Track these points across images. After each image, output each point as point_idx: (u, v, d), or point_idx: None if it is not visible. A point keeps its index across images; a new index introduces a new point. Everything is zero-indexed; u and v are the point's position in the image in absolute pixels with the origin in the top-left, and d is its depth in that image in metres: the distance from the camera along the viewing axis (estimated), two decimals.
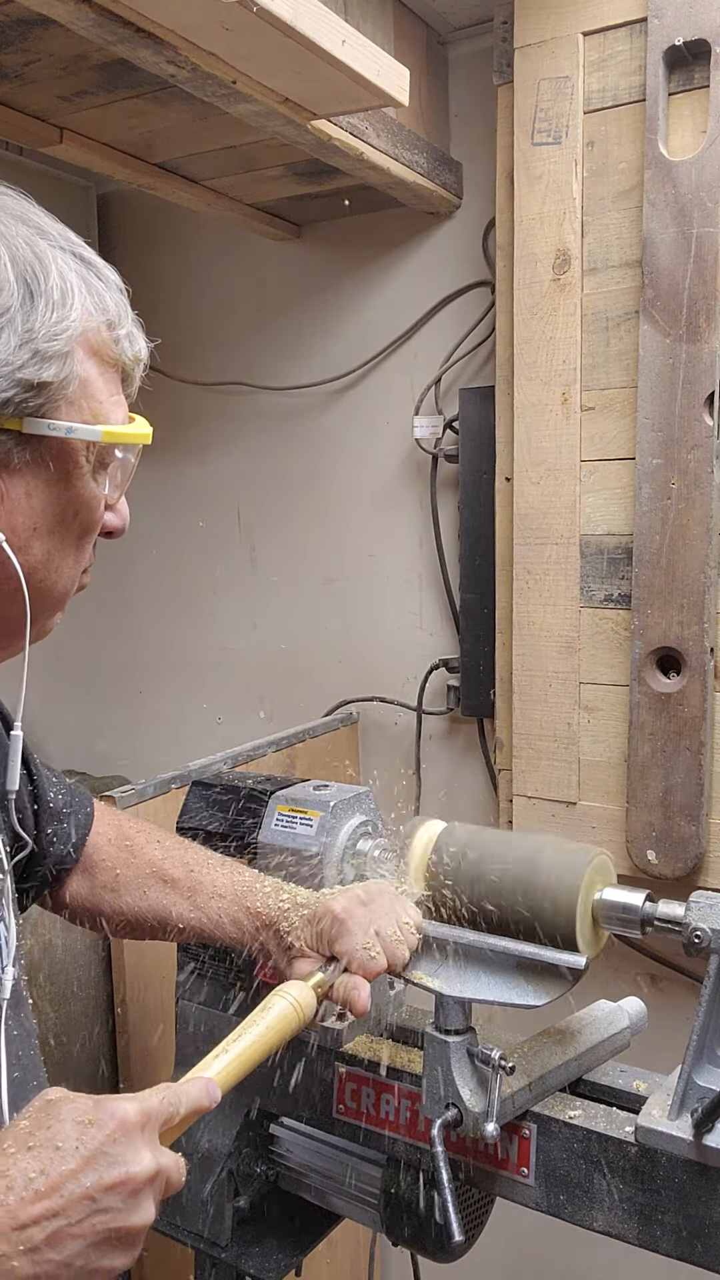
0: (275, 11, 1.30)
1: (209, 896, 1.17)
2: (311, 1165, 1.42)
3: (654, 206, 1.71)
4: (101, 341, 0.85)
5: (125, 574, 2.77)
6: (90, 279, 0.85)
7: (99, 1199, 0.69)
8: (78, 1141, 0.70)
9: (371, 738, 2.44)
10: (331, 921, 1.07)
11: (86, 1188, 0.69)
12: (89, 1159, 0.70)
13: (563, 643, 1.91)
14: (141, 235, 2.67)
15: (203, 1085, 0.82)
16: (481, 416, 2.07)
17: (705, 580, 1.73)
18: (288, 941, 1.10)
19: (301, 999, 0.98)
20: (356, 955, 1.05)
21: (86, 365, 0.84)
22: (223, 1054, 0.89)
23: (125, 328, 0.88)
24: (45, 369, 0.79)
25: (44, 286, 0.80)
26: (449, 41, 2.14)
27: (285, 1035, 0.96)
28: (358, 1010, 1.03)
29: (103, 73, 1.63)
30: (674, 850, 1.79)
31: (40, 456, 0.82)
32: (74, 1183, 0.69)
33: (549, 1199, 1.14)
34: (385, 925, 1.08)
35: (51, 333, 0.80)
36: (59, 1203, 0.68)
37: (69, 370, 0.81)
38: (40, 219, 0.84)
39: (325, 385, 2.42)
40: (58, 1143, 0.70)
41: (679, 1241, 1.06)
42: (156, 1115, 0.76)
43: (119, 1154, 0.71)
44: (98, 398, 0.85)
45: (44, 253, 0.81)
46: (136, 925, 1.21)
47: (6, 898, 0.97)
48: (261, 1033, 0.93)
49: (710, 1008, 1.03)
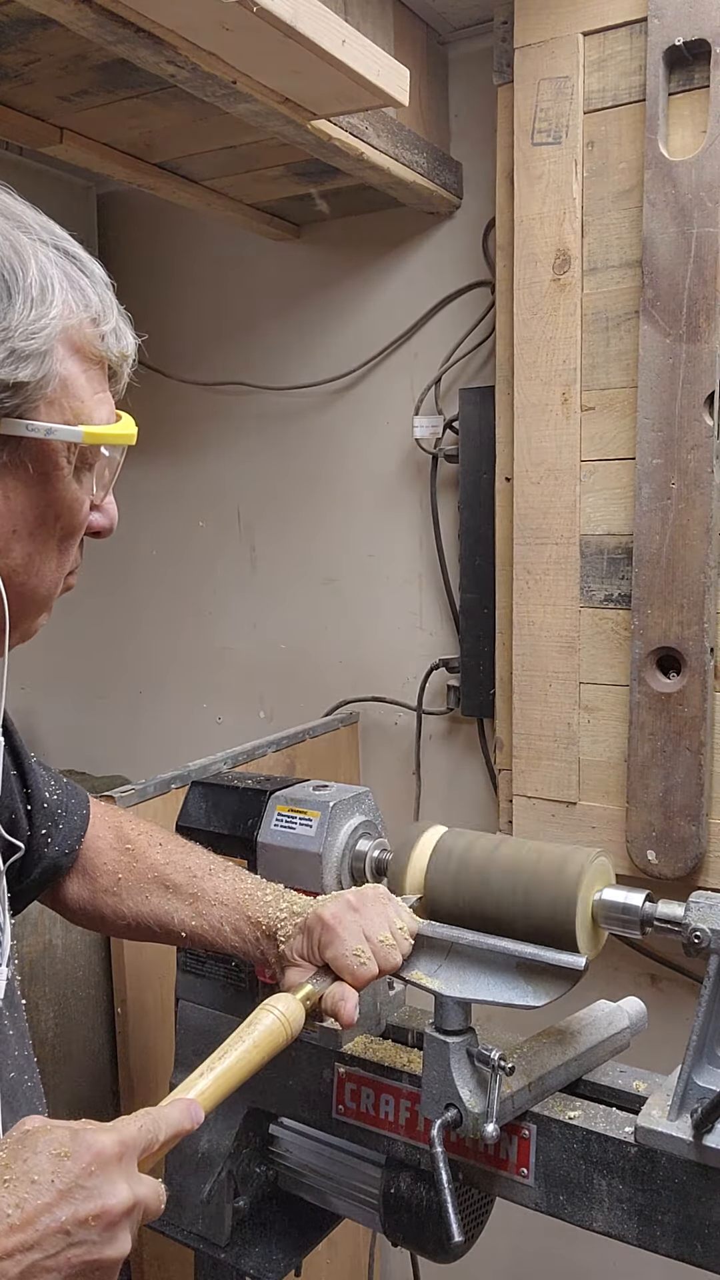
0: (275, 11, 1.30)
1: (211, 904, 1.17)
2: (311, 1165, 1.42)
3: (654, 206, 1.71)
4: (85, 338, 0.83)
5: (125, 574, 2.77)
6: (73, 273, 0.83)
7: (74, 1232, 0.69)
8: (53, 1174, 0.70)
9: (371, 738, 2.44)
10: (322, 929, 1.06)
11: (61, 1221, 0.69)
12: (64, 1192, 0.70)
13: (563, 643, 1.91)
14: (141, 235, 2.67)
15: (184, 1107, 0.82)
16: (481, 416, 2.07)
17: (705, 580, 1.73)
18: (282, 950, 1.10)
19: (288, 1013, 0.97)
20: (347, 962, 1.04)
21: (68, 363, 0.81)
22: (207, 1073, 0.89)
23: (110, 323, 0.85)
24: (22, 368, 0.77)
25: (22, 283, 0.77)
26: (449, 41, 2.14)
27: (271, 1051, 0.95)
28: (344, 1021, 1.02)
29: (103, 73, 1.63)
30: (674, 850, 1.79)
31: (18, 458, 0.80)
32: (49, 1216, 0.69)
33: (549, 1199, 1.14)
34: (377, 930, 1.07)
35: (29, 331, 0.77)
36: (33, 1235, 0.68)
37: (48, 369, 0.79)
38: (21, 211, 0.82)
39: (325, 385, 2.42)
40: (34, 1176, 0.70)
41: (679, 1242, 1.06)
42: (134, 1145, 0.75)
43: (95, 1187, 0.71)
44: (80, 396, 0.83)
45: (23, 247, 0.79)
46: (138, 929, 1.20)
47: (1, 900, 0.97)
48: (247, 1049, 0.92)
49: (710, 1008, 1.03)
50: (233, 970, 1.44)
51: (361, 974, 1.04)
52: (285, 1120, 1.44)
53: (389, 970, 1.08)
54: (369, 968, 1.05)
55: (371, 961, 1.05)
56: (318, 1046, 1.33)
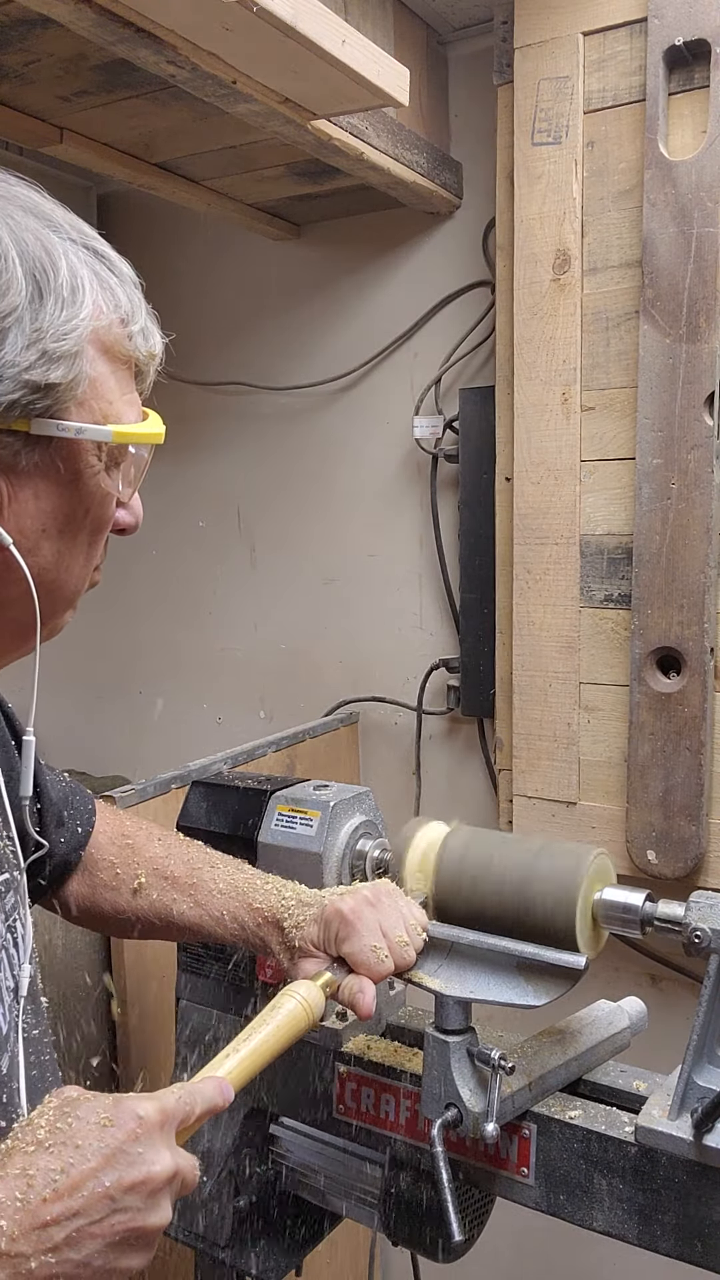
0: (275, 11, 1.30)
1: (210, 893, 1.17)
2: (311, 1165, 1.42)
3: (654, 206, 1.71)
4: (114, 338, 0.83)
5: (126, 574, 2.77)
6: (103, 273, 0.83)
7: (119, 1199, 0.69)
8: (98, 1140, 0.70)
9: (371, 738, 2.44)
10: (340, 922, 1.07)
11: (107, 1187, 0.68)
12: (110, 1158, 0.69)
13: (563, 643, 1.91)
14: (141, 235, 2.67)
15: (216, 1084, 0.82)
16: (481, 416, 2.07)
17: (705, 580, 1.73)
18: (292, 938, 1.10)
19: (310, 998, 0.98)
20: (365, 957, 1.05)
21: (97, 363, 0.82)
22: (233, 1054, 0.89)
23: (139, 323, 0.86)
24: (54, 369, 0.77)
25: (54, 283, 0.77)
26: (449, 41, 2.14)
27: (295, 1034, 0.95)
28: (362, 1013, 1.02)
29: (103, 73, 1.63)
30: (674, 850, 1.79)
31: (49, 457, 0.80)
32: (94, 1181, 0.68)
33: (549, 1199, 1.14)
34: (393, 927, 1.08)
35: (61, 332, 0.77)
36: (79, 1202, 0.67)
37: (78, 370, 0.79)
38: (51, 210, 0.82)
39: (325, 385, 2.42)
40: (77, 1141, 0.69)
41: (679, 1241, 1.06)
42: (174, 1114, 0.75)
43: (140, 1154, 0.71)
44: (108, 396, 0.83)
45: (54, 247, 0.78)
46: (138, 924, 1.20)
47: (22, 896, 0.97)
48: (272, 1032, 0.93)
49: (710, 1008, 1.03)
50: (233, 970, 1.44)
51: (379, 969, 1.05)
52: (286, 1120, 1.44)
53: (404, 968, 1.08)
54: (386, 964, 1.05)
55: (389, 958, 1.06)
56: (318, 1046, 1.33)
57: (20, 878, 0.97)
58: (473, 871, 1.17)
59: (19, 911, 0.95)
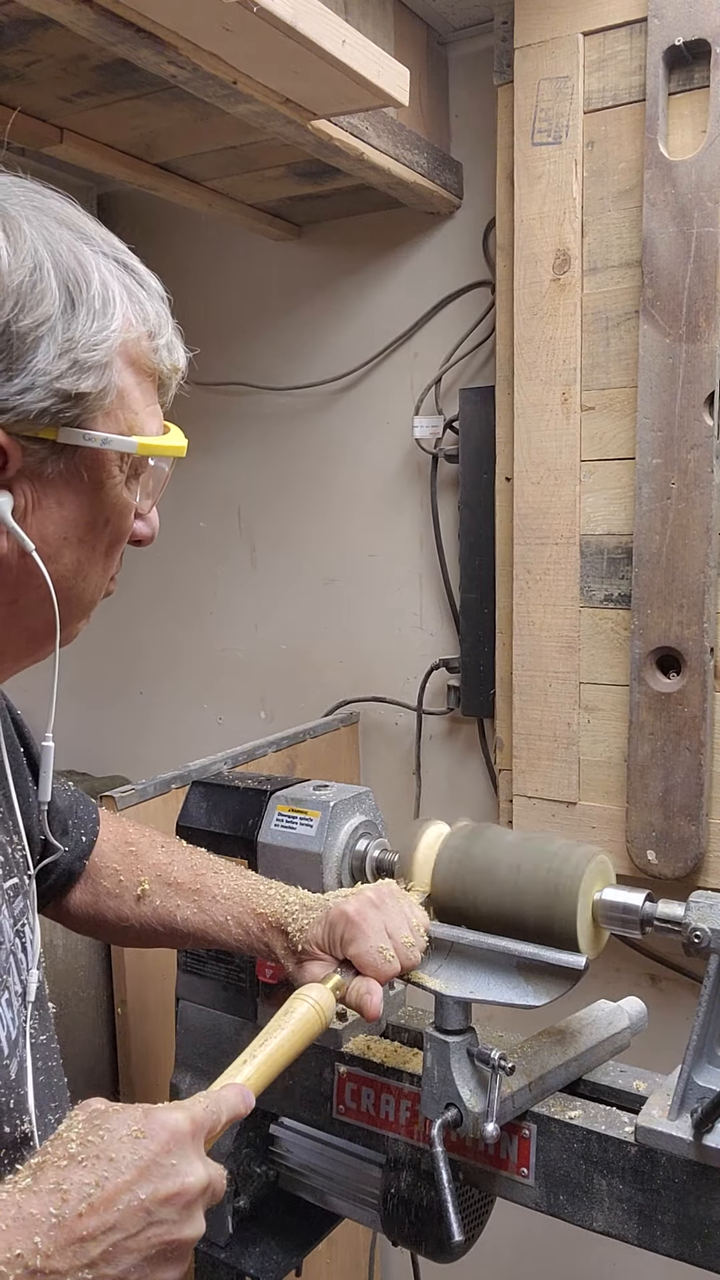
0: (275, 11, 1.30)
1: (213, 899, 1.17)
2: (311, 1165, 1.42)
3: (654, 206, 1.71)
4: (141, 351, 0.84)
5: (126, 574, 2.73)
6: (133, 286, 0.84)
7: (154, 1211, 0.68)
8: (131, 1153, 0.69)
9: (372, 738, 2.44)
10: (346, 924, 1.07)
11: (142, 1200, 0.68)
12: (144, 1170, 0.69)
13: (563, 643, 1.91)
14: (141, 236, 2.63)
15: (238, 1091, 0.82)
16: (481, 416, 2.07)
17: (705, 580, 1.73)
18: (296, 942, 1.10)
19: (322, 1001, 0.98)
20: (371, 958, 1.05)
21: (125, 375, 0.83)
22: (251, 1059, 0.89)
23: (165, 337, 0.87)
24: (84, 379, 0.78)
25: (86, 295, 0.79)
26: (449, 41, 2.14)
27: (309, 1038, 0.96)
28: (370, 1015, 1.03)
29: (103, 73, 1.63)
30: (674, 850, 1.79)
31: (74, 466, 0.81)
32: (129, 1195, 0.68)
33: (549, 1199, 1.14)
34: (398, 927, 1.08)
35: (92, 342, 0.78)
36: (115, 1216, 0.67)
37: (107, 381, 0.80)
38: (84, 224, 0.83)
39: (325, 385, 2.42)
40: (111, 1154, 0.69)
41: (679, 1241, 1.06)
42: (204, 1124, 0.75)
43: (173, 1165, 0.70)
44: (134, 408, 0.84)
45: (87, 259, 0.80)
46: (141, 931, 1.20)
47: (31, 902, 0.97)
48: (287, 1036, 0.93)
49: (710, 1008, 1.03)
50: (233, 970, 1.44)
51: (386, 970, 1.05)
52: (285, 1120, 1.44)
53: (410, 969, 1.08)
54: (392, 965, 1.06)
55: (394, 959, 1.06)
56: (318, 1046, 1.33)
57: (30, 884, 0.97)
58: (472, 872, 1.17)
59: (28, 917, 0.95)
